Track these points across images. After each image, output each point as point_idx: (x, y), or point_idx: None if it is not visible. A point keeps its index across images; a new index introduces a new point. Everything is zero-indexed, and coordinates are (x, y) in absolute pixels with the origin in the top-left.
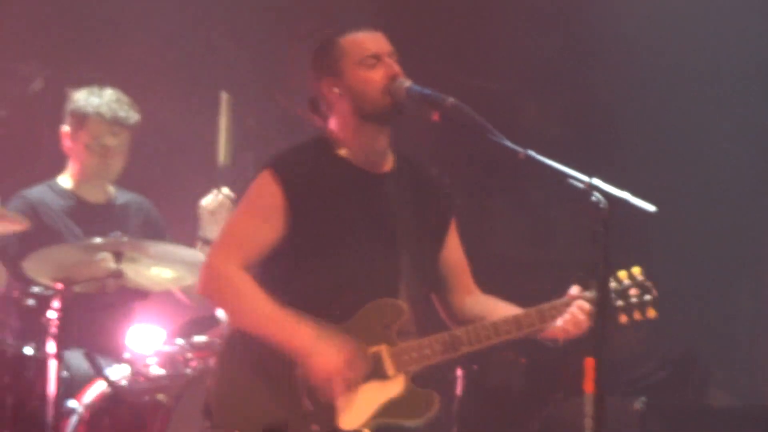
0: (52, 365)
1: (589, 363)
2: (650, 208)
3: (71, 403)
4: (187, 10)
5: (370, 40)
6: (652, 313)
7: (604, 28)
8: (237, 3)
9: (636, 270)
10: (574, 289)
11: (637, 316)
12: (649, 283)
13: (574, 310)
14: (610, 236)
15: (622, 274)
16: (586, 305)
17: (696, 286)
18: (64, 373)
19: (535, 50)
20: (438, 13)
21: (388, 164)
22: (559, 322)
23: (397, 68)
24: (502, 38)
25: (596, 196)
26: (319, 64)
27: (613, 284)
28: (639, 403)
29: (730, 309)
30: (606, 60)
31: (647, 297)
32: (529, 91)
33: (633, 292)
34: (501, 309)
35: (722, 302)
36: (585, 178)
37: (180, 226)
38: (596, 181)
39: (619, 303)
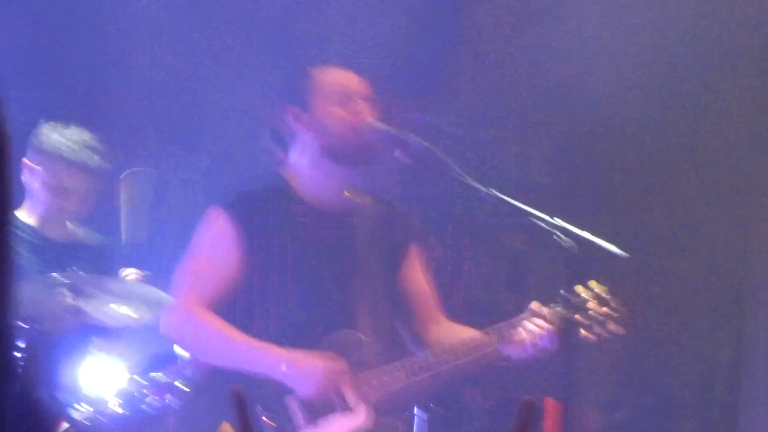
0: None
1: (550, 404)
2: (618, 251)
3: None
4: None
5: (345, 78)
6: (615, 329)
7: (586, 76)
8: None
9: (593, 283)
10: (534, 304)
11: (599, 332)
12: (611, 299)
13: (528, 324)
14: (579, 276)
15: (579, 288)
16: (542, 322)
17: (674, 333)
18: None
19: (517, 98)
20: (422, 61)
21: (348, 202)
22: (516, 337)
23: (366, 109)
24: (485, 86)
25: (559, 236)
26: (289, 92)
27: (570, 299)
28: None
29: (708, 357)
30: (589, 106)
31: (610, 313)
32: (511, 138)
33: (591, 305)
34: (465, 333)
35: (700, 350)
36: (548, 218)
37: None
38: (559, 222)
39: (578, 317)
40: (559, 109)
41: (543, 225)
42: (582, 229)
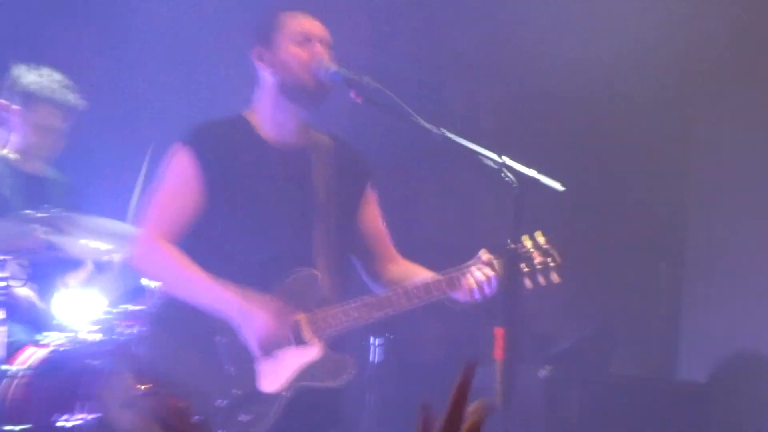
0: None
1: (499, 332)
2: (558, 187)
3: (8, 367)
4: None
5: (308, 22)
6: (555, 278)
7: (530, 19)
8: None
9: (539, 235)
10: (483, 253)
11: (541, 280)
12: (552, 249)
13: (476, 273)
14: (524, 213)
15: (526, 240)
16: (489, 271)
17: (611, 264)
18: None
19: (463, 40)
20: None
21: (306, 141)
22: (465, 283)
23: (323, 52)
24: (432, 28)
25: (506, 174)
26: (256, 33)
27: (519, 251)
28: (545, 372)
29: (644, 287)
30: (535, 51)
31: (551, 263)
32: (458, 80)
33: (537, 257)
34: (419, 275)
35: (636, 279)
36: (496, 156)
37: None
38: (507, 160)
39: (524, 268)
40: (507, 51)
41: (491, 163)
42: (527, 166)
